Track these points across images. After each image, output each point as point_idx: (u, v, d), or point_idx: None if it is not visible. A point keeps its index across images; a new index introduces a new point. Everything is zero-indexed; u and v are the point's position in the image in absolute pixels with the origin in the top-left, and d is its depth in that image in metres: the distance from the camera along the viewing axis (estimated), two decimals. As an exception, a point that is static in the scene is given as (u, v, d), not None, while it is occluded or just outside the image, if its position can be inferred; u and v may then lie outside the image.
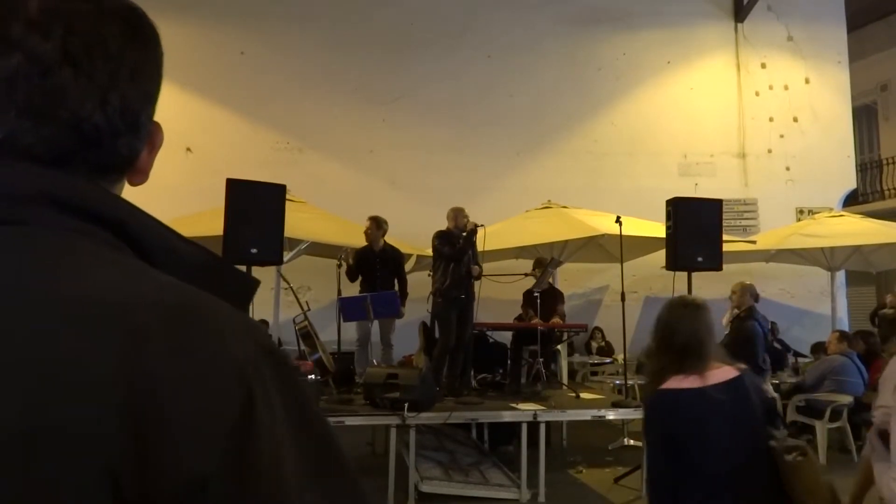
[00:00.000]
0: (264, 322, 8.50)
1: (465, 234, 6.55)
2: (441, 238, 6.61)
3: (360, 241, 7.46)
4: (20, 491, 0.47)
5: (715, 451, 2.30)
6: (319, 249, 8.47)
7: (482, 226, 6.53)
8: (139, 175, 0.71)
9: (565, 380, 8.11)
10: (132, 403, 0.49)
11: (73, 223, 0.58)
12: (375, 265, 7.30)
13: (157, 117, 0.72)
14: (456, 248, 6.51)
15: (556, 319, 7.61)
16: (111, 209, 0.61)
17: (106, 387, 0.49)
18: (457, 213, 6.71)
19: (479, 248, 6.76)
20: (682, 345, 2.34)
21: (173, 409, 0.50)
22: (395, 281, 7.48)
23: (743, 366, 2.38)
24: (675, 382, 2.32)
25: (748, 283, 7.53)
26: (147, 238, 0.61)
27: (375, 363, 7.03)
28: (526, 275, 8.00)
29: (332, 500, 0.56)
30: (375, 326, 7.40)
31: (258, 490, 0.51)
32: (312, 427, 0.58)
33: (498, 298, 8.49)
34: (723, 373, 2.34)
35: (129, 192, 0.72)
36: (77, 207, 0.59)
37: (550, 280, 8.10)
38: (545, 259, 8.09)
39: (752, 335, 6.86)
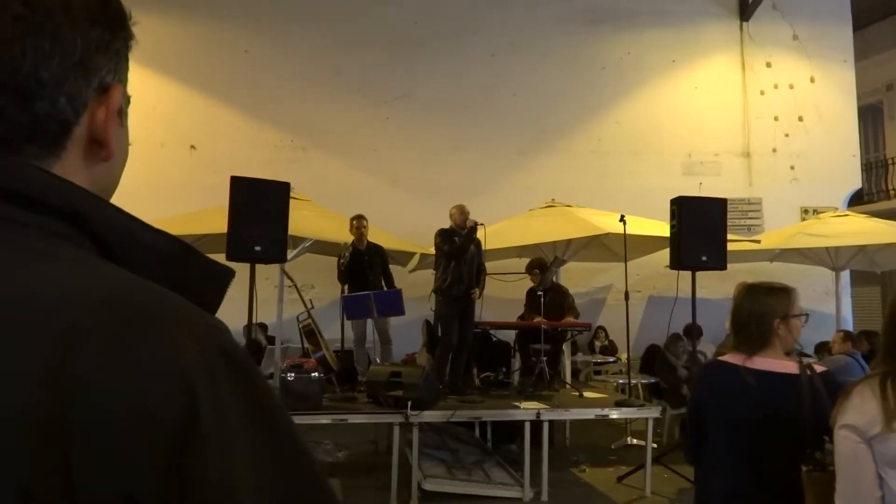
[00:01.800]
0: (262, 325, 8.50)
1: (465, 230, 6.56)
2: (442, 236, 6.62)
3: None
4: None
5: (732, 430, 2.40)
6: (323, 247, 8.47)
7: (482, 224, 6.52)
8: (102, 147, 0.62)
9: (568, 379, 8.11)
10: (53, 414, 0.43)
11: (15, 213, 0.53)
12: (365, 264, 7.29)
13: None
14: (455, 245, 6.51)
15: (569, 318, 7.59)
16: (63, 197, 0.55)
17: (23, 396, 0.44)
18: (459, 211, 6.71)
19: (482, 247, 6.76)
20: (738, 324, 2.46)
21: (101, 421, 0.44)
22: (382, 279, 7.45)
23: (820, 368, 2.32)
24: (725, 357, 2.47)
25: (750, 282, 7.50)
26: (106, 228, 0.56)
27: (376, 360, 7.04)
28: (531, 278, 8.00)
29: None
30: (370, 323, 7.36)
31: None
32: (277, 435, 0.52)
33: (501, 297, 8.48)
34: (777, 364, 2.33)
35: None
36: (18, 194, 0.53)
37: (554, 278, 8.09)
38: (538, 261, 8.08)
39: None
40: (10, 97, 0.56)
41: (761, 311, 2.40)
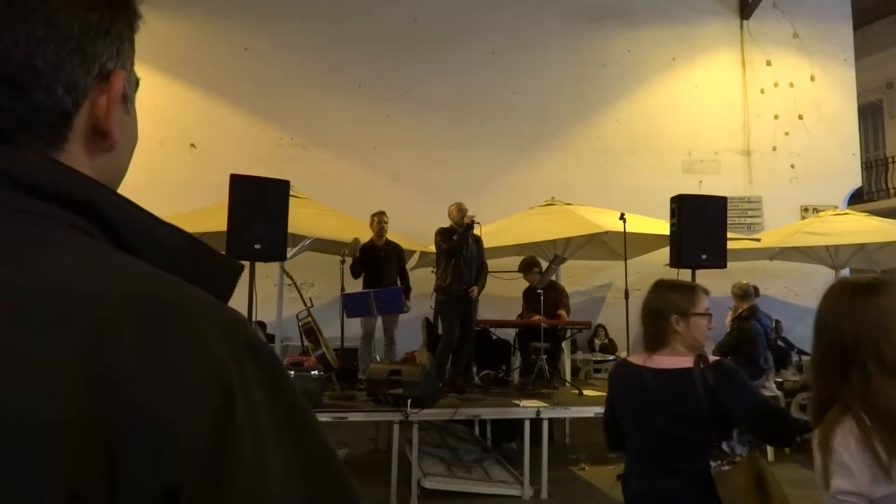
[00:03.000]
0: (262, 324, 8.51)
1: (461, 229, 6.57)
2: (442, 234, 6.63)
3: (361, 237, 7.46)
4: None
5: (639, 429, 2.42)
6: (323, 246, 8.48)
7: (478, 222, 6.51)
8: (104, 138, 0.60)
9: (568, 377, 8.11)
10: (93, 408, 0.43)
11: (32, 205, 0.52)
12: (381, 260, 7.32)
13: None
14: (452, 243, 6.51)
15: (561, 312, 7.59)
16: (75, 188, 0.54)
17: (62, 390, 0.43)
18: (457, 208, 6.72)
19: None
20: (642, 319, 2.45)
21: (140, 413, 0.44)
22: (398, 276, 7.50)
23: (712, 358, 2.30)
24: (631, 357, 2.51)
25: (745, 282, 7.51)
26: (120, 221, 0.55)
27: (378, 359, 7.04)
28: (524, 278, 8.00)
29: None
30: (379, 322, 7.41)
31: (237, 498, 0.46)
32: (301, 429, 0.53)
33: (501, 295, 8.48)
34: (672, 361, 2.31)
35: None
36: (32, 186, 0.52)
37: (553, 277, 8.10)
38: (531, 259, 8.08)
39: (752, 335, 6.87)
40: (4, 88, 0.54)
41: (660, 306, 2.37)
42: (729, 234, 6.63)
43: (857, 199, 12.37)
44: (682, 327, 2.32)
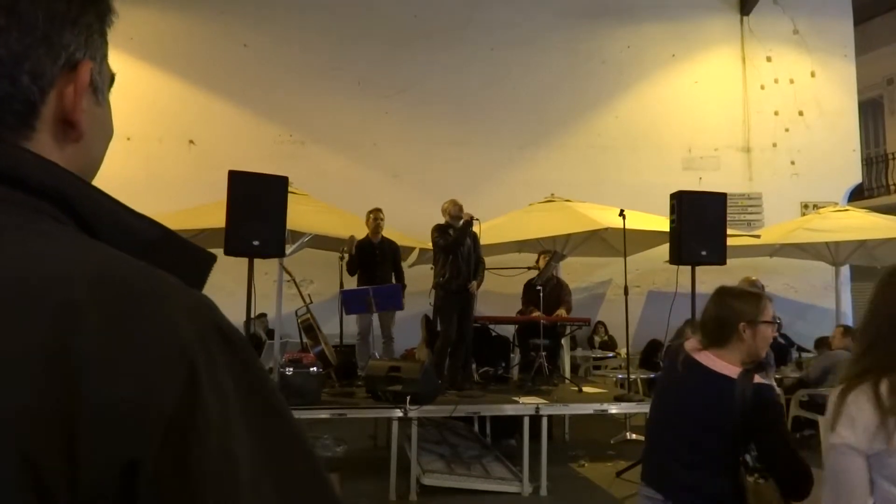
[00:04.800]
0: (263, 315, 8.51)
1: (459, 225, 6.55)
2: (438, 231, 6.61)
3: (357, 234, 7.44)
4: None
5: (661, 414, 2.47)
6: (322, 242, 8.46)
7: (477, 219, 6.50)
8: (71, 127, 0.60)
9: (568, 374, 8.11)
10: (57, 383, 0.44)
11: (1, 192, 0.52)
12: (375, 257, 7.31)
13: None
14: (449, 239, 6.50)
15: (560, 311, 7.58)
16: (45, 176, 0.54)
17: (27, 368, 0.44)
18: (451, 205, 6.70)
19: (479, 241, 6.74)
20: (702, 324, 2.47)
21: (104, 392, 0.45)
22: (393, 273, 7.48)
23: (762, 381, 2.27)
24: (692, 340, 2.47)
25: (753, 278, 7.52)
26: (89, 209, 0.55)
27: (377, 356, 7.03)
28: (529, 268, 7.99)
29: (290, 493, 0.51)
30: (376, 319, 7.40)
31: (203, 481, 0.46)
32: (269, 414, 0.53)
33: (500, 292, 8.47)
34: (720, 364, 2.31)
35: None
36: (4, 175, 0.52)
37: (554, 273, 8.08)
38: (550, 250, 8.08)
39: None
40: None
41: (727, 314, 2.38)
42: (729, 231, 6.61)
43: (857, 195, 12.35)
44: (749, 335, 2.33)
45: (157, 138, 9.66)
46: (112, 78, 0.67)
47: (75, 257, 0.49)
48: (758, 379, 2.27)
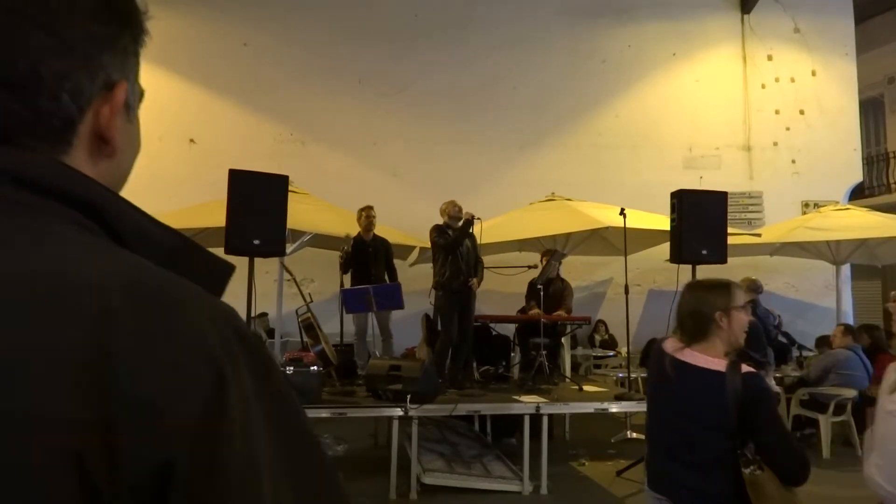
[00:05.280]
0: (264, 314, 8.52)
1: (460, 224, 6.55)
2: (437, 230, 6.61)
3: (352, 231, 7.43)
4: None
5: (657, 417, 2.47)
6: (322, 241, 8.46)
7: (478, 218, 6.49)
8: (106, 144, 0.63)
9: (568, 373, 8.11)
10: (98, 387, 0.47)
11: (38, 202, 0.55)
12: (369, 255, 7.29)
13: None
14: (449, 238, 6.50)
15: (559, 312, 7.59)
16: (77, 187, 0.57)
17: (71, 370, 0.47)
18: (449, 206, 6.70)
19: (479, 240, 6.73)
20: (679, 321, 2.49)
21: (140, 394, 0.48)
22: (386, 271, 7.47)
23: (749, 369, 2.28)
24: (670, 340, 2.48)
25: (753, 277, 7.53)
26: (118, 220, 0.58)
27: (376, 354, 7.03)
28: (529, 267, 7.99)
29: (305, 492, 0.54)
30: (372, 318, 7.38)
31: (229, 479, 0.49)
32: (287, 416, 0.56)
33: (501, 291, 8.47)
34: (705, 360, 2.32)
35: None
36: (36, 183, 0.55)
37: (558, 273, 8.07)
38: (552, 249, 8.08)
39: (750, 329, 6.86)
40: (11, 93, 0.56)
41: (702, 307, 2.40)
42: (729, 230, 6.61)
43: (858, 194, 12.35)
44: (726, 323, 2.36)
45: (158, 137, 9.65)
46: (142, 94, 0.71)
47: (110, 266, 0.52)
48: (745, 368, 2.28)
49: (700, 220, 6.19)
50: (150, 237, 0.59)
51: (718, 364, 2.29)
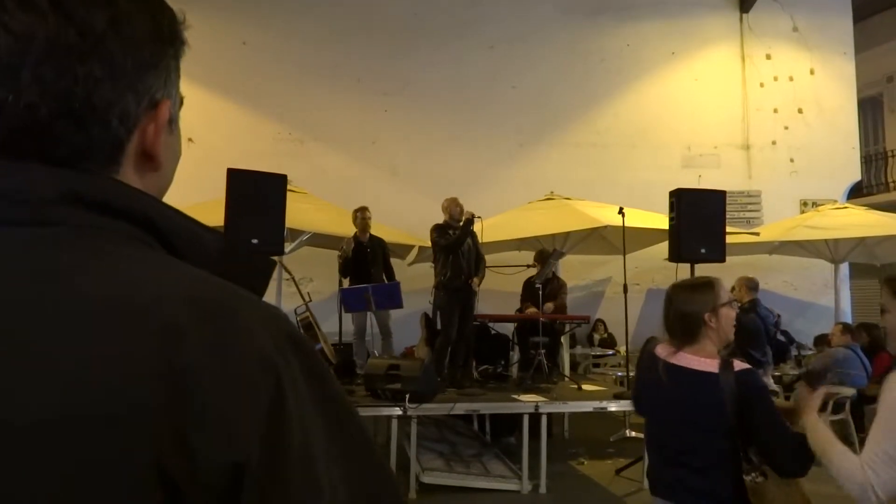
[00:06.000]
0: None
1: (460, 223, 6.54)
2: (438, 230, 6.60)
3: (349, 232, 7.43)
4: (74, 470, 0.49)
5: (655, 424, 2.46)
6: (321, 240, 8.46)
7: (479, 217, 6.49)
8: (151, 160, 0.66)
9: (567, 372, 8.11)
10: (170, 398, 0.51)
11: (99, 221, 0.58)
12: (366, 256, 7.29)
13: None
14: (451, 238, 6.49)
15: (549, 305, 7.55)
16: (135, 203, 0.60)
17: (144, 383, 0.51)
18: (450, 204, 6.69)
19: (479, 239, 6.73)
20: (667, 326, 2.48)
21: (209, 402, 0.52)
22: (384, 271, 7.46)
23: (742, 366, 2.27)
24: (662, 346, 2.46)
25: (752, 276, 7.54)
26: (172, 230, 0.62)
27: (375, 354, 7.03)
28: (528, 266, 7.99)
29: (358, 484, 0.58)
30: (371, 317, 7.38)
31: (291, 475, 0.53)
32: (339, 413, 0.59)
33: (500, 290, 8.47)
34: (698, 362, 2.30)
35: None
36: (103, 204, 0.59)
37: (554, 271, 8.08)
38: (547, 251, 8.07)
39: (749, 327, 6.88)
40: (66, 122, 0.59)
41: (690, 308, 2.38)
42: (728, 229, 6.61)
43: (856, 192, 12.36)
44: (715, 322, 2.34)
45: (156, 136, 9.63)
46: (182, 101, 0.75)
47: (170, 281, 0.56)
48: (738, 366, 2.27)
49: (699, 218, 6.20)
50: (199, 241, 0.63)
51: (711, 365, 2.27)
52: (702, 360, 2.30)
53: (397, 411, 5.46)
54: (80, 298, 0.53)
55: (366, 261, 7.26)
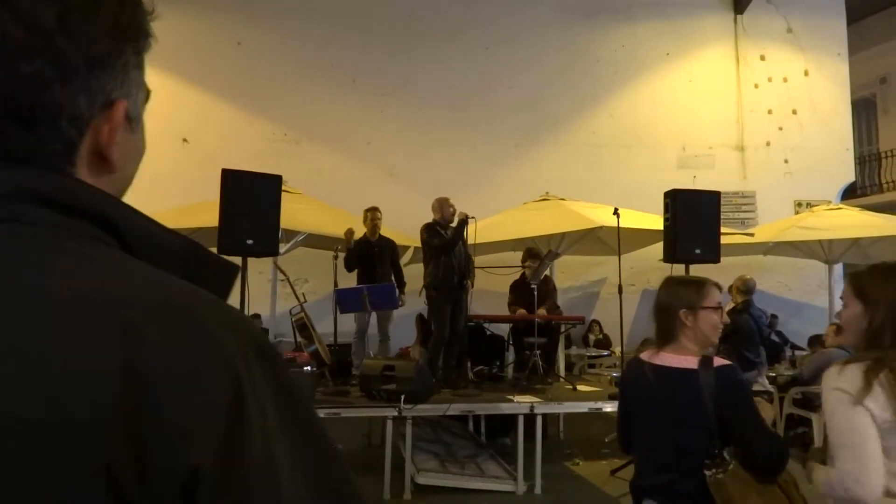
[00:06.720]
0: (256, 316, 8.49)
1: (451, 224, 6.52)
2: (429, 230, 6.57)
3: (359, 232, 7.44)
4: (21, 479, 0.48)
5: (639, 424, 2.41)
6: (316, 241, 8.45)
7: (473, 217, 6.46)
8: (106, 162, 0.63)
9: (562, 372, 8.10)
10: (127, 400, 0.49)
11: (57, 219, 0.57)
12: (374, 256, 7.30)
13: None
14: (445, 239, 6.48)
15: (541, 311, 7.55)
16: (93, 202, 0.59)
17: (102, 384, 0.49)
18: (442, 204, 6.67)
19: (472, 240, 6.70)
20: (654, 316, 2.43)
21: (167, 405, 0.50)
22: (393, 272, 7.49)
23: (722, 362, 2.24)
24: (645, 352, 2.43)
25: (748, 277, 7.55)
26: (131, 230, 0.60)
27: (371, 355, 7.02)
28: (523, 267, 7.98)
29: (322, 493, 0.56)
30: (374, 318, 7.39)
31: (250, 482, 0.52)
32: (300, 418, 0.58)
33: (495, 291, 8.47)
34: (677, 359, 2.28)
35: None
36: (59, 202, 0.57)
37: (547, 272, 8.08)
38: (535, 250, 8.06)
39: (742, 328, 6.90)
40: (12, 123, 0.57)
41: (668, 301, 2.35)
42: (723, 229, 6.63)
43: (850, 193, 12.40)
44: (691, 321, 2.29)
45: (151, 136, 9.55)
46: (148, 95, 0.70)
47: (130, 281, 0.55)
48: (718, 362, 2.24)
49: (693, 219, 6.21)
50: (161, 245, 0.61)
51: (692, 362, 2.25)
52: (682, 357, 2.28)
53: (392, 412, 5.45)
54: (36, 296, 0.52)
55: (373, 260, 7.27)
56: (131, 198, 0.62)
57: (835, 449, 1.85)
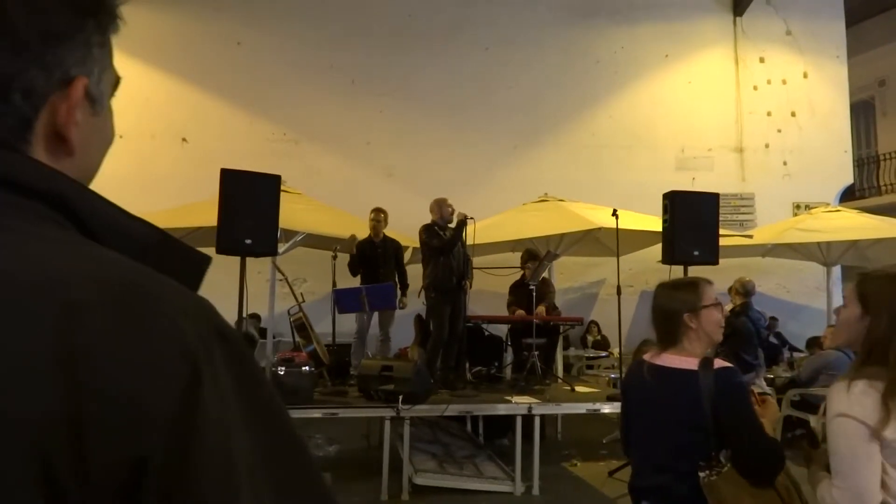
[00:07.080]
0: (255, 315, 8.48)
1: (450, 224, 6.52)
2: (428, 231, 6.56)
3: (359, 233, 7.44)
4: None
5: (637, 425, 2.42)
6: (315, 241, 8.44)
7: (472, 218, 6.45)
8: (64, 143, 0.60)
9: (560, 373, 8.11)
10: (66, 382, 0.45)
11: (8, 198, 0.53)
12: (378, 257, 7.30)
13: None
14: (444, 239, 6.48)
15: (540, 308, 7.55)
16: (50, 183, 0.55)
17: (37, 366, 0.45)
18: (440, 204, 6.67)
19: (471, 241, 6.70)
20: (654, 324, 2.43)
21: (110, 389, 0.46)
22: (396, 272, 7.49)
23: (722, 364, 2.24)
24: (648, 353, 2.44)
25: (747, 279, 7.56)
26: (91, 215, 0.56)
27: (369, 355, 7.02)
28: (522, 267, 7.98)
29: (285, 488, 0.53)
30: (374, 318, 7.39)
31: (204, 475, 0.48)
32: (266, 412, 0.55)
33: (494, 291, 8.47)
34: (678, 360, 2.28)
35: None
36: (11, 182, 0.54)
37: (546, 273, 8.08)
38: (534, 251, 8.07)
39: (740, 330, 6.91)
40: None
41: (671, 307, 2.36)
42: (721, 231, 6.63)
43: (849, 196, 12.42)
44: (696, 323, 2.30)
45: (150, 136, 9.61)
46: (117, 82, 0.67)
47: (77, 260, 0.51)
48: (718, 364, 2.23)
49: (692, 221, 6.21)
50: (122, 230, 0.57)
51: (692, 363, 2.25)
52: (683, 359, 2.28)
53: (390, 412, 5.46)
54: None
55: (375, 261, 7.28)
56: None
57: (835, 467, 1.83)
